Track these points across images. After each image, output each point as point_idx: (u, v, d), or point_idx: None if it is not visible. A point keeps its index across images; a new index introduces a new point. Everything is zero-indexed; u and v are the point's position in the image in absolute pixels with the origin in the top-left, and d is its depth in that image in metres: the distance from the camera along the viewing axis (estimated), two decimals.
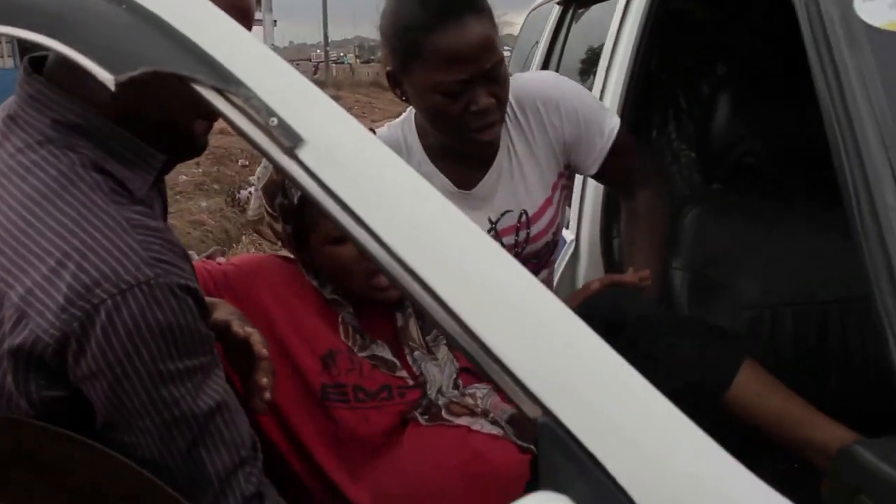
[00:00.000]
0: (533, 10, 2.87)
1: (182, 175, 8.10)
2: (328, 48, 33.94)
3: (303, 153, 0.65)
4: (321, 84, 25.97)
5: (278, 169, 0.68)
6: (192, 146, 0.94)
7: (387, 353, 1.20)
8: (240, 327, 1.03)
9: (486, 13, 1.26)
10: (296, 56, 30.85)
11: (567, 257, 1.65)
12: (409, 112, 1.44)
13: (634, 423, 0.57)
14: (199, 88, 0.71)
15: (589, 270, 1.59)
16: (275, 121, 0.67)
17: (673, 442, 0.56)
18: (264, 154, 0.68)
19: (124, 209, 0.81)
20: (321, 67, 30.66)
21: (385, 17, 1.32)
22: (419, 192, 0.64)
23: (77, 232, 0.77)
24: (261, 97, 0.68)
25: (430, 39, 1.22)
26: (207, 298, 1.08)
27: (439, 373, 1.24)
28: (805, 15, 0.86)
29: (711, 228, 1.60)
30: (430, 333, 1.27)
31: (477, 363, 0.59)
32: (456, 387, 1.24)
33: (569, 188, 1.53)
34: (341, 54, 62.84)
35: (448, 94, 1.25)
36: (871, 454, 0.66)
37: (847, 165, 0.73)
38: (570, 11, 2.35)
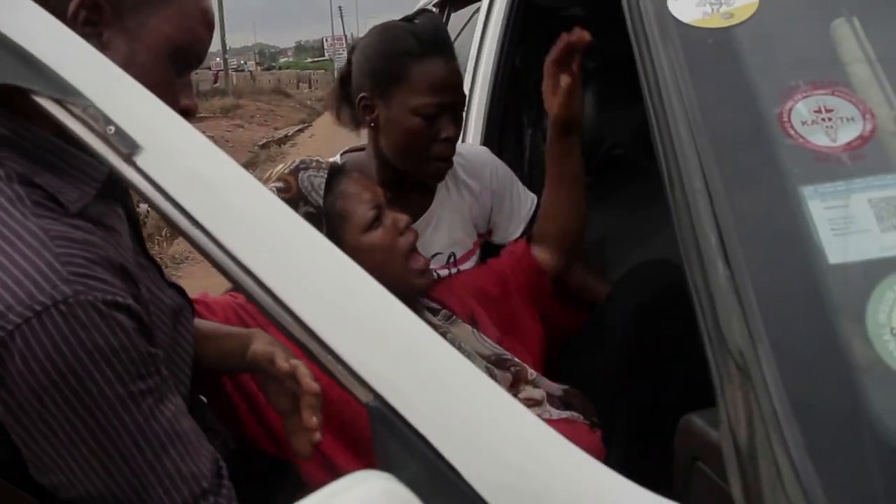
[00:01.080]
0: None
1: (140, 203, 7.81)
2: (227, 56, 33.23)
3: (140, 159, 0.68)
4: (221, 92, 25.52)
5: (117, 175, 0.70)
6: None
7: None
8: (284, 360, 0.96)
9: (456, 60, 1.45)
10: None
11: None
12: (369, 148, 1.52)
13: (461, 403, 0.61)
14: (38, 99, 0.72)
15: None
16: (112, 129, 0.69)
17: (496, 417, 0.61)
18: (103, 161, 0.70)
19: (48, 222, 0.75)
20: (220, 76, 30.00)
21: (370, 44, 1.45)
22: (250, 188, 0.67)
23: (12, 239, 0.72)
24: (98, 106, 0.70)
25: (420, 64, 1.38)
26: (243, 329, 1.07)
27: (469, 334, 1.30)
28: (628, 12, 0.93)
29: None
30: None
31: (311, 353, 0.62)
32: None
33: None
34: (241, 62, 61.73)
35: (426, 117, 1.38)
36: (703, 422, 0.72)
37: (662, 152, 0.80)
38: (445, 14, 2.41)
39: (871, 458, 0.60)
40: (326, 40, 47.82)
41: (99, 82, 0.71)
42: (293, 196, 1.23)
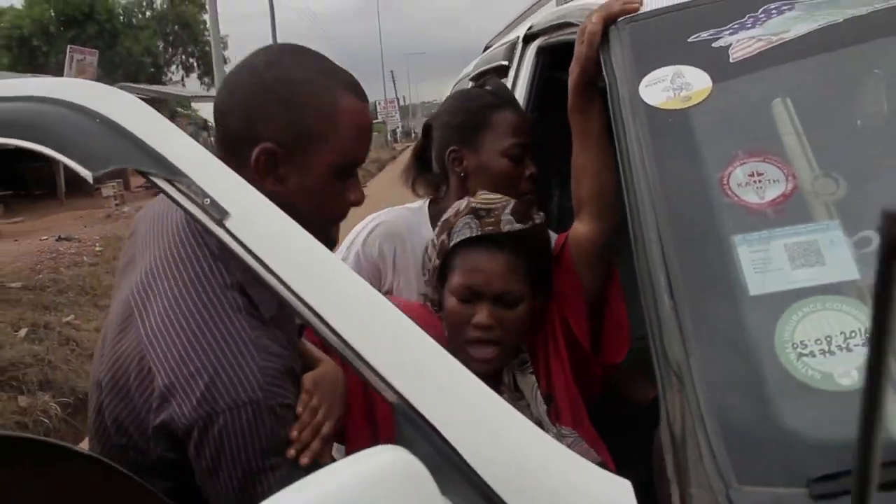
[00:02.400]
0: (455, 84, 3.21)
1: None
2: None
3: (228, 223, 0.91)
4: None
5: (212, 234, 0.94)
6: (329, 247, 1.16)
7: None
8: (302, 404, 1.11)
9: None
10: None
11: None
12: (423, 203, 1.73)
13: (460, 401, 0.82)
14: (154, 179, 0.97)
15: None
16: (208, 200, 0.93)
17: (485, 415, 0.81)
18: (201, 225, 0.94)
19: (256, 333, 1.02)
20: None
21: (452, 105, 1.70)
22: (307, 243, 0.90)
23: (216, 351, 0.99)
24: (197, 183, 0.94)
25: (501, 113, 1.62)
26: (317, 353, 1.28)
27: (530, 414, 1.35)
28: (609, 95, 1.15)
29: None
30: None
31: (348, 361, 0.84)
32: (542, 425, 1.32)
33: None
34: None
35: (513, 157, 1.60)
36: None
37: (628, 208, 1.01)
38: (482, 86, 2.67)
39: (771, 443, 0.78)
40: (379, 104, 49.16)
41: (197, 166, 0.95)
42: (444, 224, 1.42)
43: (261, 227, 0.92)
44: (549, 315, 1.43)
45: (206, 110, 35.29)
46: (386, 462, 0.76)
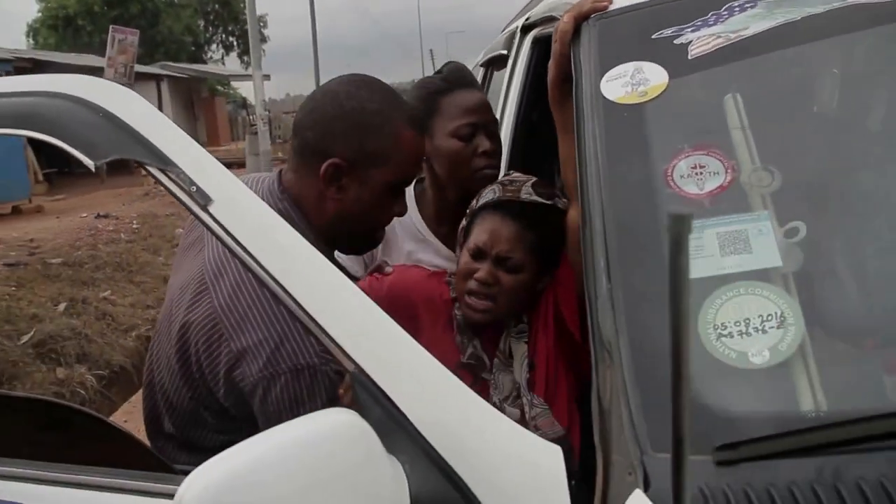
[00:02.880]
0: (472, 69, 3.28)
1: (179, 228, 8.51)
2: None
3: (212, 208, 1.01)
4: None
5: (198, 219, 1.04)
6: (372, 245, 1.44)
7: (484, 357, 1.48)
8: None
9: (482, 91, 1.76)
10: (292, 108, 31.50)
11: None
12: (427, 180, 1.81)
13: (411, 372, 0.91)
14: (149, 168, 1.07)
15: None
16: (195, 188, 1.03)
17: (431, 385, 0.90)
18: (189, 209, 1.04)
19: None
20: None
21: (409, 94, 1.76)
22: (281, 227, 1.00)
23: (281, 323, 1.17)
24: (186, 172, 1.04)
25: (448, 97, 1.70)
26: None
27: (510, 382, 1.46)
28: (575, 90, 1.22)
29: None
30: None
31: (313, 333, 0.93)
32: (518, 394, 1.44)
33: None
34: None
35: (462, 137, 1.68)
36: None
37: (579, 196, 1.08)
38: (490, 72, 2.75)
39: (686, 413, 0.86)
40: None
41: (186, 157, 1.05)
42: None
43: (240, 211, 1.02)
44: (546, 296, 1.52)
45: (245, 88, 35.60)
46: (336, 422, 0.86)
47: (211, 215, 1.02)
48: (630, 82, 1.16)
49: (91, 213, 9.87)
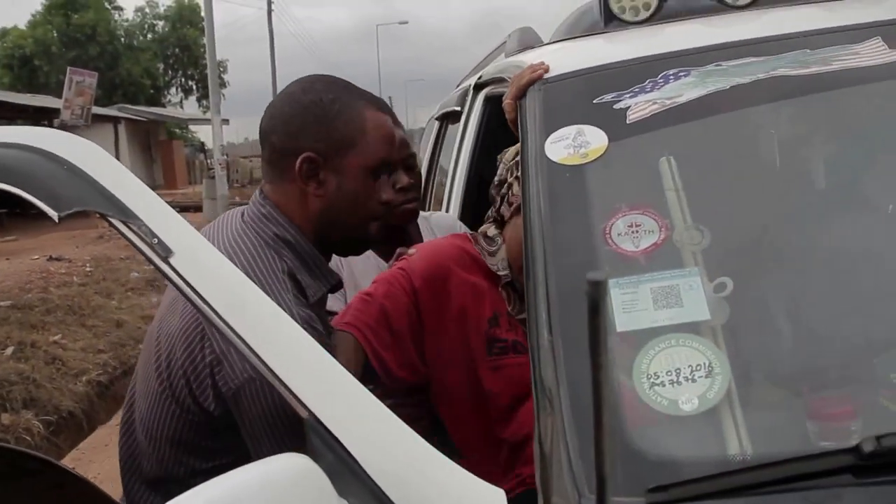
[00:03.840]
0: (429, 120, 3.38)
1: (134, 272, 8.41)
2: None
3: (173, 260, 1.05)
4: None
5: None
6: (369, 243, 1.38)
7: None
8: None
9: (400, 125, 1.79)
10: (250, 152, 31.50)
11: None
12: None
13: (361, 418, 0.95)
14: (111, 220, 1.11)
15: None
16: (156, 240, 1.07)
17: (380, 431, 0.95)
18: (150, 261, 1.08)
19: (302, 309, 1.18)
20: None
21: None
22: (238, 277, 1.04)
23: None
24: (147, 225, 1.08)
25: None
26: None
27: None
28: (521, 150, 1.30)
29: None
30: None
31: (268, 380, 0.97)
32: None
33: None
34: None
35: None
36: None
37: (524, 252, 1.15)
38: (445, 125, 2.84)
39: (620, 459, 0.92)
40: None
41: (148, 209, 1.09)
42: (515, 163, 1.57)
43: (200, 263, 1.06)
44: None
45: (203, 132, 35.52)
46: (289, 466, 0.89)
47: (172, 267, 1.05)
48: (572, 144, 1.24)
49: (43, 255, 9.70)
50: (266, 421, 1.13)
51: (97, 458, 4.83)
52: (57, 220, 1.17)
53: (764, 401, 1.01)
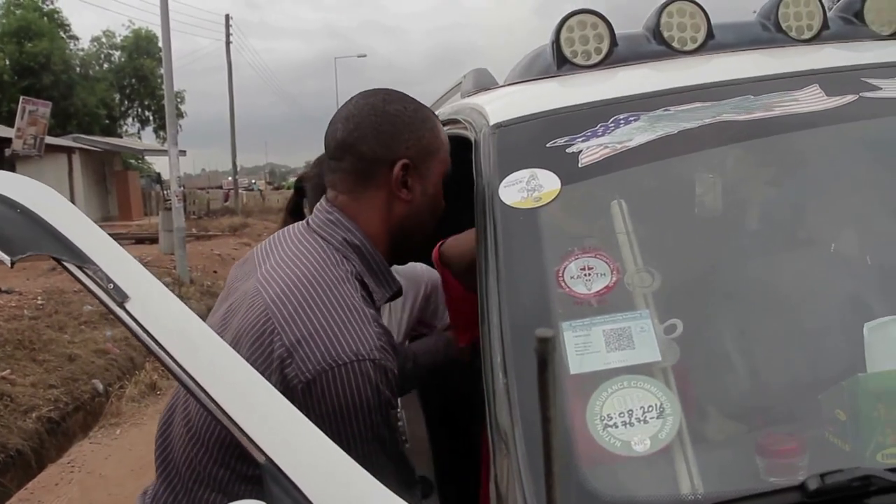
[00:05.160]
0: None
1: (87, 305, 8.23)
2: (239, 175, 34.49)
3: (128, 305, 1.05)
4: (231, 211, 26.30)
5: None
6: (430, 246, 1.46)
7: None
8: None
9: None
10: (207, 184, 31.20)
11: None
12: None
13: (318, 463, 0.95)
14: (65, 264, 1.10)
15: None
16: (111, 285, 1.07)
17: (338, 476, 0.95)
18: (105, 306, 1.07)
19: (370, 309, 1.21)
20: (231, 195, 31.09)
21: (317, 168, 1.92)
22: (193, 323, 1.04)
23: (341, 314, 1.16)
24: (103, 269, 1.08)
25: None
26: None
27: None
28: (476, 194, 1.32)
29: None
30: None
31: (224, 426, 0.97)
32: None
33: None
34: (252, 181, 63.73)
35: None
36: None
37: (479, 293, 1.17)
38: None
39: (574, 500, 0.93)
40: None
41: (104, 254, 1.09)
42: None
43: (156, 308, 1.06)
44: None
45: (160, 163, 35.14)
46: None
47: (127, 312, 1.05)
48: (526, 188, 1.27)
49: None
50: (343, 414, 1.13)
51: (46, 499, 4.69)
52: (10, 265, 1.16)
53: (714, 439, 1.04)
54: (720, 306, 1.21)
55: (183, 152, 19.73)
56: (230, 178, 32.30)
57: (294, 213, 1.95)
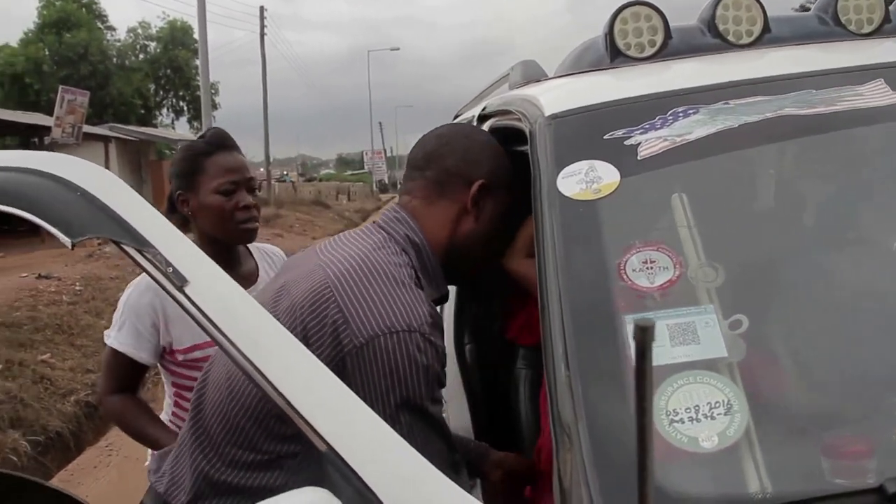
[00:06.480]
0: None
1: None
2: (271, 167, 34.74)
3: (188, 289, 1.05)
4: (263, 202, 26.56)
5: (174, 300, 1.08)
6: (484, 268, 1.51)
7: None
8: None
9: (241, 153, 2.10)
10: None
11: None
12: (194, 234, 2.04)
13: (381, 450, 0.95)
14: (125, 248, 1.11)
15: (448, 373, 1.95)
16: (171, 269, 1.07)
17: (399, 463, 0.94)
18: (164, 290, 1.07)
19: (423, 294, 1.27)
20: (263, 185, 31.31)
21: (176, 156, 2.11)
22: (252, 307, 1.04)
23: (397, 290, 1.22)
24: (162, 253, 1.08)
25: (210, 158, 2.00)
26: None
27: None
28: (532, 185, 1.30)
29: None
30: None
31: (285, 412, 0.97)
32: None
33: None
34: (284, 172, 64.16)
35: (224, 192, 1.97)
36: None
37: (539, 286, 1.15)
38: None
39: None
40: (366, 153, 49.49)
41: (162, 237, 1.09)
42: None
43: (215, 292, 1.06)
44: None
45: None
46: (310, 501, 0.89)
47: (186, 296, 1.05)
48: (584, 179, 1.25)
49: (31, 273, 9.61)
50: (389, 378, 1.16)
51: (86, 481, 4.76)
52: (70, 247, 1.17)
53: (781, 438, 1.02)
54: (785, 303, 1.18)
55: None
56: (262, 170, 32.55)
57: (168, 200, 2.10)
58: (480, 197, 1.40)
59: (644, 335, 0.55)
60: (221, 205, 1.96)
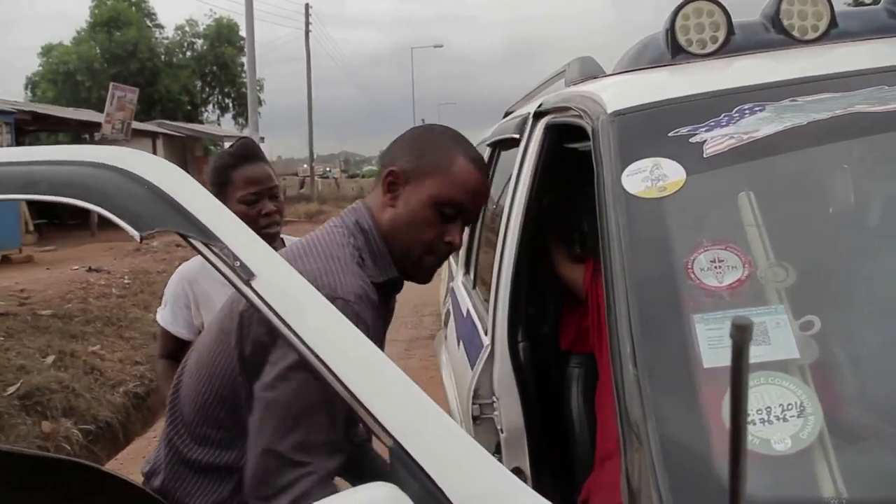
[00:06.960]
0: (477, 145, 3.38)
1: None
2: (314, 163, 35.01)
3: (255, 283, 1.06)
4: (307, 198, 26.69)
5: (240, 294, 1.09)
6: (417, 275, 1.52)
7: None
8: None
9: (267, 162, 2.26)
10: (283, 171, 31.80)
11: (484, 359, 2.02)
12: None
13: (447, 448, 0.95)
14: (192, 241, 1.12)
15: (502, 371, 1.94)
16: (238, 263, 1.08)
17: (465, 460, 0.94)
18: (231, 284, 1.08)
19: (363, 273, 1.38)
20: (307, 182, 31.58)
21: (207, 168, 2.26)
22: (320, 302, 1.04)
23: (330, 263, 1.35)
24: (229, 247, 1.09)
25: (236, 171, 2.17)
26: None
27: None
28: (596, 181, 1.29)
29: None
30: None
31: (351, 407, 0.97)
32: None
33: None
34: (327, 169, 64.68)
35: (247, 202, 2.16)
36: None
37: (605, 283, 1.14)
38: (497, 153, 2.85)
39: (711, 498, 0.90)
40: None
41: (229, 232, 1.11)
42: None
43: (282, 287, 1.07)
44: None
45: None
46: (379, 496, 0.89)
47: (254, 290, 1.06)
48: (649, 177, 1.23)
49: (82, 266, 9.85)
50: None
51: (134, 470, 4.85)
52: (139, 240, 1.19)
53: (855, 442, 0.99)
54: (858, 303, 1.15)
55: (262, 139, 20.13)
56: (305, 166, 32.80)
57: None
58: (392, 185, 1.48)
59: (742, 334, 0.54)
60: (246, 213, 2.13)
